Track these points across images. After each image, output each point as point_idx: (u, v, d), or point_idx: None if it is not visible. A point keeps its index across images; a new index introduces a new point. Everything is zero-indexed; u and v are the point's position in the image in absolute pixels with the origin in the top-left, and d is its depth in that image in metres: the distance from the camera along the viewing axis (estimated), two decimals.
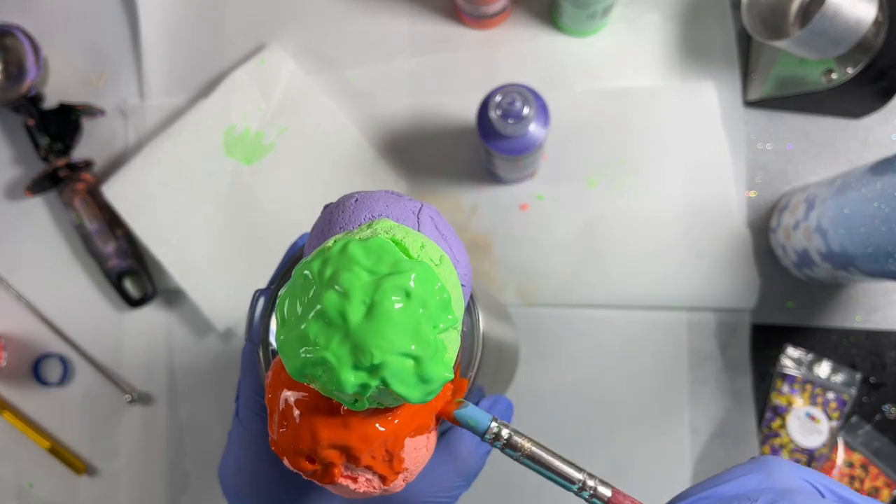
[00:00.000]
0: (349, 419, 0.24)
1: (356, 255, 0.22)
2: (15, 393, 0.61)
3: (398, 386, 0.22)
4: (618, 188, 0.59)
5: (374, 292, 0.22)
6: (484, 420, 0.25)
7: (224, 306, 0.59)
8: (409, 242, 0.23)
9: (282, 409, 0.24)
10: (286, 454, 0.24)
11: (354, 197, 0.27)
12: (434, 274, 0.23)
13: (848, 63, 0.52)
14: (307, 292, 0.22)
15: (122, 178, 0.60)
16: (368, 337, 0.21)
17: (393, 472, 0.25)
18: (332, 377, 0.22)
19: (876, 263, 0.46)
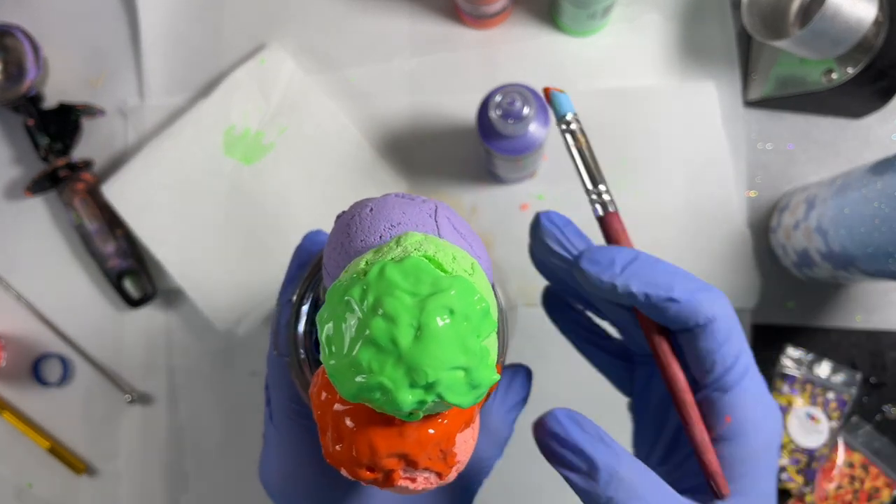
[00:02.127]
0: (404, 428, 0.25)
1: (395, 279, 0.23)
2: (15, 393, 0.61)
3: (452, 397, 0.23)
4: (618, 188, 0.59)
5: (420, 314, 0.23)
6: (567, 107, 0.31)
7: (224, 306, 0.59)
8: (442, 257, 0.24)
9: (334, 425, 0.25)
10: (344, 466, 0.25)
11: (368, 206, 0.27)
12: (472, 286, 0.24)
13: (848, 63, 0.52)
14: (352, 319, 0.23)
15: (122, 178, 0.60)
16: (420, 358, 0.22)
17: (447, 468, 0.26)
18: (389, 399, 0.23)
19: (876, 263, 0.46)
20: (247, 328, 0.59)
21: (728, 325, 0.30)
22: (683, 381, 0.30)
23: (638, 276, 0.30)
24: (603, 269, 0.30)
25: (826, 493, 0.56)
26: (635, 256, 0.30)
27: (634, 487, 0.28)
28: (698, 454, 0.29)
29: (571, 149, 0.32)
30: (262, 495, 0.61)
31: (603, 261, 0.30)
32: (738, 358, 0.30)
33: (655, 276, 0.30)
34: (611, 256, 0.30)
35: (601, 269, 0.30)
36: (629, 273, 0.30)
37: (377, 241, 0.26)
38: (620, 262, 0.30)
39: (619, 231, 0.32)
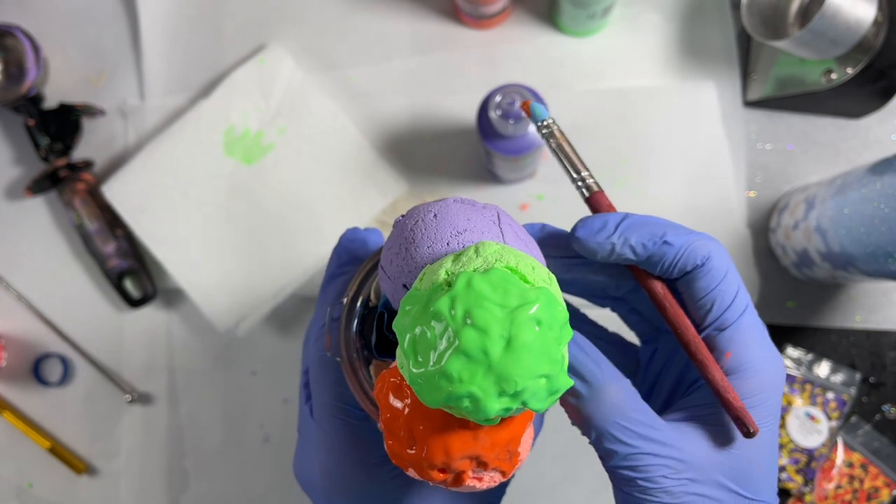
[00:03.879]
0: (478, 431, 0.26)
1: (484, 290, 0.24)
2: (15, 393, 0.61)
3: (534, 403, 0.24)
4: (618, 188, 0.59)
5: (511, 326, 0.23)
6: (543, 113, 0.34)
7: (224, 306, 0.59)
8: (523, 268, 0.25)
9: (406, 428, 0.26)
10: (414, 467, 0.26)
11: (432, 211, 0.28)
12: (554, 297, 0.25)
13: (848, 63, 0.52)
14: (439, 329, 0.24)
15: (122, 178, 0.60)
16: (511, 368, 0.23)
17: (511, 466, 0.27)
18: (478, 406, 0.23)
19: (876, 263, 0.46)
20: (247, 328, 0.59)
21: (724, 264, 0.31)
22: (689, 323, 0.31)
23: (632, 230, 0.30)
24: (597, 233, 0.31)
25: (825, 492, 0.56)
26: (625, 216, 0.31)
27: (619, 406, 0.28)
28: (719, 394, 0.29)
29: (552, 146, 0.34)
30: (261, 494, 0.61)
31: (596, 225, 0.31)
32: (735, 295, 0.31)
33: (649, 228, 0.31)
34: (603, 220, 0.31)
35: (596, 233, 0.31)
36: (623, 230, 0.31)
37: (444, 247, 0.27)
38: (613, 223, 0.31)
39: (607, 206, 0.33)
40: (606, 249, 0.31)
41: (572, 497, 0.58)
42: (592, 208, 0.33)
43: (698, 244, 0.31)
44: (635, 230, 0.31)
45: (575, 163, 0.34)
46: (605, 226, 0.31)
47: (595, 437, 0.29)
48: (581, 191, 0.34)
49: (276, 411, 0.60)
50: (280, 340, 0.60)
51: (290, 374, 0.60)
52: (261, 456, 0.60)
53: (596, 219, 0.31)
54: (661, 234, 0.30)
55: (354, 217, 0.59)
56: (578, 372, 0.29)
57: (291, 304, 0.60)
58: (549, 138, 0.34)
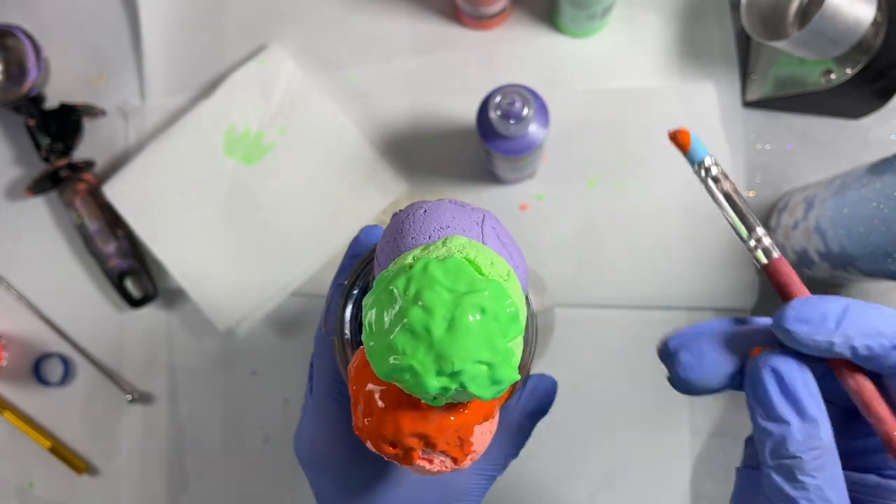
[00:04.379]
0: (427, 412, 0.28)
1: (436, 274, 0.26)
2: (16, 393, 0.61)
3: (474, 388, 0.25)
4: (618, 188, 0.59)
5: (455, 309, 0.25)
6: (702, 153, 0.30)
7: (225, 306, 0.59)
8: (481, 261, 0.27)
9: (366, 400, 0.28)
10: (370, 439, 0.28)
11: (423, 207, 0.30)
12: (504, 291, 0.26)
13: (847, 63, 0.52)
14: (393, 306, 0.26)
15: (123, 179, 0.60)
16: (450, 348, 0.25)
17: (463, 455, 0.28)
18: (417, 381, 0.25)
19: (875, 263, 0.46)
20: (247, 328, 0.59)
21: None
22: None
23: (857, 328, 0.26)
24: (816, 328, 0.26)
25: None
26: (846, 306, 0.27)
27: (826, 457, 0.26)
28: None
29: (717, 196, 0.30)
30: (261, 494, 0.61)
31: (814, 317, 0.27)
32: None
33: (874, 325, 0.27)
34: (821, 312, 0.27)
35: (814, 329, 0.26)
36: (846, 326, 0.26)
37: (426, 240, 0.29)
38: (833, 317, 0.27)
39: (790, 276, 0.28)
40: (822, 347, 0.27)
41: (572, 497, 0.58)
42: (771, 278, 0.29)
43: None
44: (860, 327, 0.26)
45: (748, 218, 0.29)
46: (824, 319, 0.27)
47: None
48: (755, 254, 0.29)
49: (276, 411, 0.60)
50: (280, 340, 0.60)
51: (290, 374, 0.60)
52: (261, 456, 0.60)
53: (812, 308, 0.27)
54: (892, 333, 0.26)
55: (354, 217, 0.59)
56: (803, 410, 0.27)
57: (291, 304, 0.60)
58: (714, 183, 0.30)
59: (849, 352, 0.27)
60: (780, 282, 0.29)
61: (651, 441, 0.58)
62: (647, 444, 0.58)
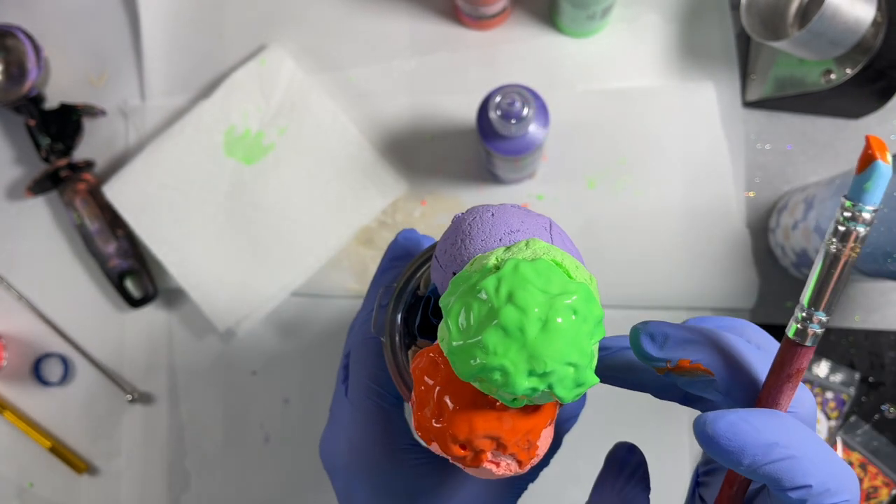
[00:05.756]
0: (502, 413, 0.27)
1: (528, 275, 0.26)
2: (16, 393, 0.61)
3: (560, 390, 0.25)
4: (617, 188, 0.59)
5: (549, 310, 0.25)
6: (876, 195, 0.22)
7: (225, 306, 0.59)
8: (567, 264, 0.27)
9: (436, 401, 0.28)
10: (438, 440, 0.28)
11: (490, 211, 0.30)
12: (592, 294, 0.26)
13: (847, 63, 0.52)
14: (482, 306, 0.26)
15: (123, 179, 0.60)
16: (543, 348, 0.25)
17: (528, 458, 0.28)
18: (507, 381, 0.25)
19: (874, 263, 0.46)
20: (247, 328, 0.59)
21: None
22: None
23: (786, 469, 0.24)
24: (746, 451, 0.24)
25: None
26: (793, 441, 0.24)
27: None
28: None
29: (834, 251, 0.23)
30: (261, 494, 0.61)
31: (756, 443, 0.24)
32: None
33: (804, 467, 0.24)
34: (770, 438, 0.24)
35: (746, 451, 0.24)
36: (778, 467, 0.24)
37: (497, 243, 0.29)
38: (776, 453, 0.24)
39: (798, 373, 0.25)
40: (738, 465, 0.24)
41: (572, 497, 0.58)
42: (782, 356, 0.25)
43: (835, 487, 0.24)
44: (789, 469, 0.24)
45: (828, 293, 0.24)
46: (767, 450, 0.24)
47: None
48: (794, 324, 0.25)
49: (276, 411, 0.60)
50: (280, 340, 0.60)
51: (290, 374, 0.60)
52: (261, 456, 0.60)
53: (763, 432, 0.24)
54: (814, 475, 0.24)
55: (355, 217, 0.59)
56: None
57: (291, 304, 0.60)
58: (845, 238, 0.23)
59: (755, 476, 0.24)
60: (783, 366, 0.25)
61: (651, 441, 0.58)
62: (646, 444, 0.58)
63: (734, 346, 0.27)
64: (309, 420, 0.60)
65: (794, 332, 0.25)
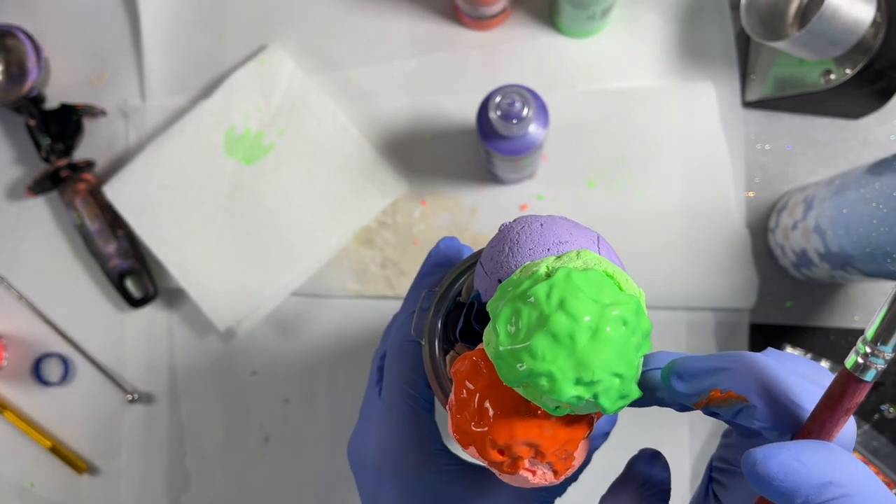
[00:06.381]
0: (543, 421, 0.27)
1: (581, 284, 0.26)
2: (16, 393, 0.61)
3: (604, 400, 0.25)
4: (617, 188, 0.59)
5: (600, 320, 0.25)
6: None
7: (225, 306, 0.59)
8: (619, 276, 0.27)
9: (477, 405, 0.28)
10: (476, 444, 0.28)
11: (539, 221, 0.30)
12: (642, 307, 0.27)
13: (846, 64, 0.52)
14: (533, 312, 0.26)
15: (124, 179, 0.60)
16: (592, 357, 0.25)
17: (565, 468, 0.28)
18: (553, 387, 0.25)
19: (874, 263, 0.46)
20: (247, 328, 0.59)
21: None
22: None
23: None
24: (799, 491, 0.23)
25: None
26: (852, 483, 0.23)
27: None
28: None
29: None
30: (262, 494, 0.61)
31: (809, 483, 0.23)
32: None
33: None
34: (823, 477, 0.23)
35: (799, 491, 0.23)
36: None
37: (545, 252, 0.29)
38: (830, 492, 0.23)
39: (855, 407, 0.24)
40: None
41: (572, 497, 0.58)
42: (836, 390, 0.25)
43: None
44: None
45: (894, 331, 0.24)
46: (822, 489, 0.23)
47: None
48: (855, 356, 0.24)
49: (277, 411, 0.60)
50: (280, 340, 0.60)
51: (290, 374, 0.60)
52: (261, 456, 0.60)
53: (815, 470, 0.23)
54: None
55: (355, 217, 0.59)
56: None
57: (291, 304, 0.60)
58: None
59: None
60: (841, 400, 0.24)
61: (651, 441, 0.58)
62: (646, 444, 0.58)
63: (767, 369, 0.26)
64: (309, 420, 0.60)
65: (854, 364, 0.24)
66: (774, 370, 0.26)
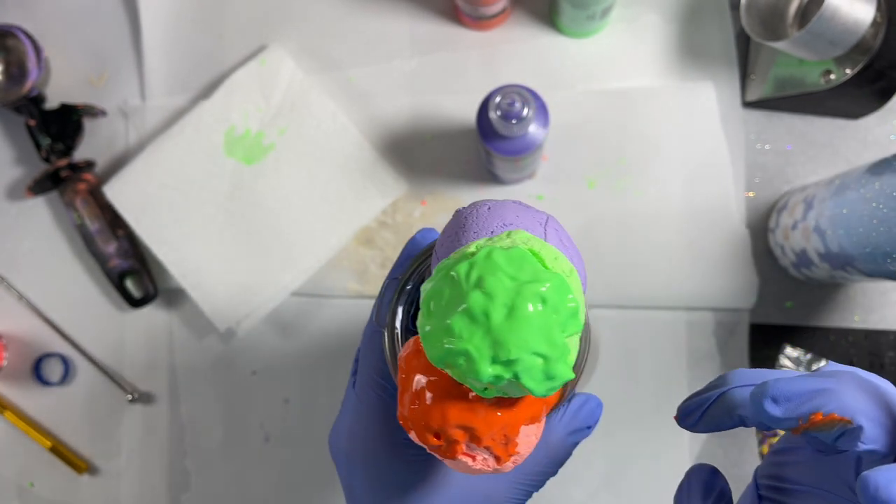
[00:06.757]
0: (476, 404, 0.27)
1: (500, 262, 0.25)
2: (16, 392, 0.61)
3: (527, 380, 0.25)
4: (617, 188, 0.59)
5: (516, 297, 0.25)
6: None
7: (225, 306, 0.59)
8: (545, 254, 0.26)
9: (415, 389, 0.28)
10: (415, 429, 0.28)
11: (487, 205, 0.30)
12: (567, 285, 0.26)
13: (846, 64, 0.52)
14: (454, 290, 0.25)
15: (124, 179, 0.60)
16: (507, 335, 0.24)
17: (507, 455, 0.28)
18: (471, 367, 0.25)
19: (874, 263, 0.46)
20: (247, 328, 0.59)
21: None
22: None
23: None
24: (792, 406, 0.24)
25: None
26: None
27: None
28: None
29: None
30: (262, 494, 0.61)
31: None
32: None
33: None
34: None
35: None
36: None
37: (488, 234, 0.29)
38: None
39: None
40: None
41: (572, 497, 0.58)
42: None
43: None
44: None
45: None
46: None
47: None
48: None
49: (277, 411, 0.60)
50: (280, 340, 0.60)
51: (290, 374, 0.60)
52: (261, 456, 0.60)
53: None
54: None
55: (355, 217, 0.59)
56: None
57: (291, 304, 0.60)
58: None
59: None
60: None
61: (651, 441, 0.58)
62: (646, 444, 0.58)
63: (874, 388, 0.25)
64: (309, 420, 0.60)
65: None
66: (883, 389, 0.25)
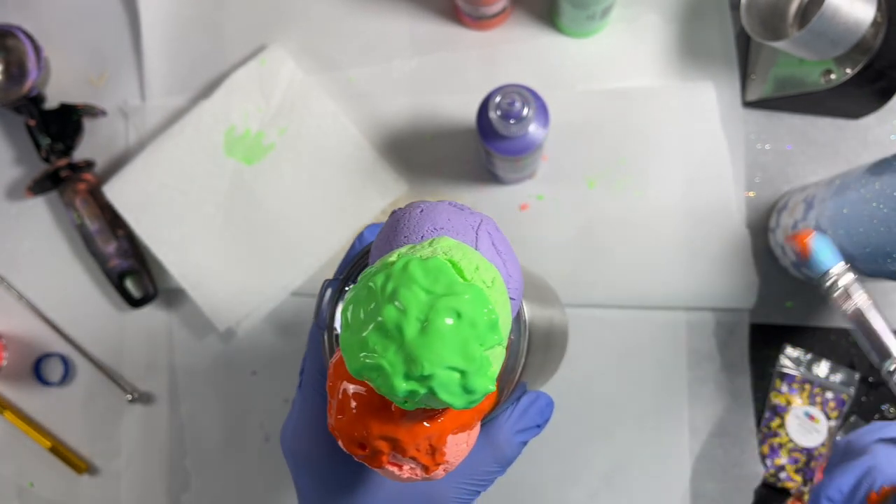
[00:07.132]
0: (399, 416, 0.27)
1: (416, 274, 0.25)
2: (16, 392, 0.61)
3: (444, 395, 0.24)
4: (617, 188, 0.59)
5: (429, 311, 0.24)
6: (832, 261, 0.24)
7: (225, 306, 0.59)
8: (465, 265, 0.26)
9: (341, 398, 0.27)
10: (342, 438, 0.27)
11: (420, 207, 0.29)
12: (485, 297, 0.25)
13: (847, 63, 0.52)
14: (370, 302, 0.25)
15: (124, 178, 0.60)
16: (420, 351, 0.24)
17: (434, 464, 0.27)
18: (385, 382, 0.24)
19: (874, 263, 0.46)
20: (247, 328, 0.59)
21: None
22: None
23: None
24: None
25: None
26: None
27: None
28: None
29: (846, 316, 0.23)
30: (261, 494, 0.61)
31: None
32: None
33: None
34: None
35: None
36: None
37: (418, 239, 0.28)
38: None
39: None
40: None
41: (572, 497, 0.58)
42: None
43: None
44: None
45: (882, 340, 0.24)
46: None
47: None
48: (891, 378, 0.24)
49: (276, 411, 0.60)
50: (280, 340, 0.60)
51: (291, 374, 0.60)
52: (261, 455, 0.60)
53: None
54: None
55: (354, 217, 0.59)
56: None
57: (291, 304, 0.60)
58: (841, 299, 0.24)
59: None
60: None
61: (651, 441, 0.58)
62: (646, 444, 0.58)
63: None
64: None
65: None
66: None
